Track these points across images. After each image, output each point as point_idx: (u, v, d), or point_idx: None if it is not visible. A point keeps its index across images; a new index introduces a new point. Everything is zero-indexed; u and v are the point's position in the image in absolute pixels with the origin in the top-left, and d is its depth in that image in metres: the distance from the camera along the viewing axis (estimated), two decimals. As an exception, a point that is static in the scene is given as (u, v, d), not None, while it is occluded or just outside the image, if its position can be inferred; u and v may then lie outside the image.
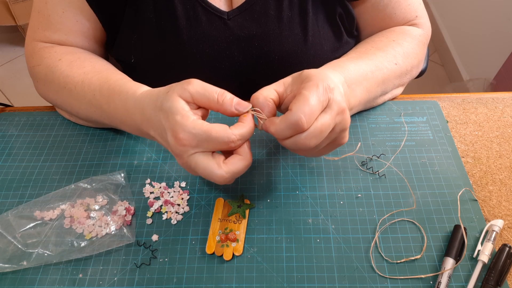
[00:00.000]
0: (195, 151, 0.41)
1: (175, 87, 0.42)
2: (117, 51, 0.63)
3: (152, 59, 0.61)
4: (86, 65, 0.56)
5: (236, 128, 0.42)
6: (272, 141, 0.59)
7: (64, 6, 0.57)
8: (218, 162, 0.42)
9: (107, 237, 0.50)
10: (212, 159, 0.42)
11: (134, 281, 0.47)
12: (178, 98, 0.41)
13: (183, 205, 0.53)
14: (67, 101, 0.57)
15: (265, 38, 0.59)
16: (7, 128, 0.63)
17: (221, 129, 0.41)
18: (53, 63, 0.57)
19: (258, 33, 0.59)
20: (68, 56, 0.57)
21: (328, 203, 0.52)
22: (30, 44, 0.60)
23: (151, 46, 0.60)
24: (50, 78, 0.57)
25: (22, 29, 1.92)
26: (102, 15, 0.59)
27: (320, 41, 0.61)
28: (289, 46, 0.60)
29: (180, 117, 0.41)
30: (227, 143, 0.41)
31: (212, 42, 0.59)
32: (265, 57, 0.60)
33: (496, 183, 0.54)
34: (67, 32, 0.59)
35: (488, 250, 0.46)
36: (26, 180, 0.56)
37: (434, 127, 0.60)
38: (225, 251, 0.48)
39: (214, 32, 0.58)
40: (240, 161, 0.43)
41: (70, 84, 0.55)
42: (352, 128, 0.60)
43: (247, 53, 0.60)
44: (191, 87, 0.41)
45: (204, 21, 0.57)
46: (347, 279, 0.46)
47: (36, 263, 0.48)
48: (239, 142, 0.42)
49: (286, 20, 0.58)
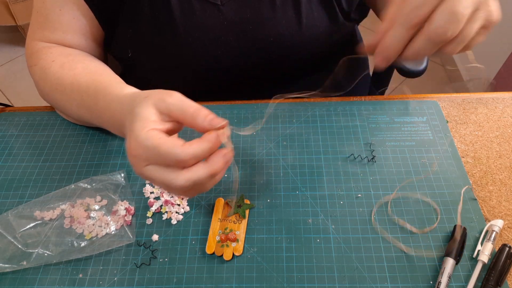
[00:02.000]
0: (146, 164, 0.37)
1: (154, 95, 0.40)
2: (115, 47, 0.64)
3: (149, 52, 0.62)
4: (78, 66, 0.56)
5: (191, 145, 0.36)
6: (272, 141, 0.59)
7: (61, 3, 0.58)
8: (176, 171, 0.37)
9: (107, 237, 0.50)
10: (167, 169, 0.37)
11: (134, 281, 0.47)
12: (151, 106, 0.39)
13: (183, 205, 0.53)
14: (60, 102, 0.57)
15: (259, 22, 0.59)
16: (7, 128, 0.63)
17: (172, 145, 0.36)
18: (47, 64, 0.57)
19: (252, 18, 0.59)
20: (62, 57, 0.57)
21: (328, 203, 0.52)
22: (30, 44, 0.61)
23: (147, 39, 0.60)
24: (43, 79, 0.58)
25: (22, 29, 1.92)
26: (98, 11, 0.59)
27: (315, 23, 0.61)
28: (284, 30, 0.60)
29: (140, 125, 0.37)
30: (176, 162, 0.36)
31: (207, 30, 0.59)
32: (260, 41, 0.61)
33: (496, 183, 0.54)
34: (64, 30, 0.59)
35: (488, 250, 0.46)
36: (26, 180, 0.56)
37: (434, 127, 0.60)
38: (225, 251, 0.48)
39: (209, 19, 0.58)
40: (203, 168, 0.37)
41: (61, 85, 0.55)
42: (352, 128, 0.60)
43: (242, 39, 0.60)
44: (170, 98, 0.39)
45: (198, 10, 0.58)
46: (347, 279, 0.46)
47: (36, 263, 0.48)
48: (192, 161, 0.36)
49: (279, 3, 0.58)
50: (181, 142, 0.37)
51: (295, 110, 0.63)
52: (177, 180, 0.37)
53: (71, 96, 0.54)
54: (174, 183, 0.37)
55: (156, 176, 0.37)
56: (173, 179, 0.37)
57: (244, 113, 0.63)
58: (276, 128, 0.61)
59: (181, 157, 0.36)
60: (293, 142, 0.59)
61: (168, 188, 0.38)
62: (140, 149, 0.37)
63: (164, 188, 0.39)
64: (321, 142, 0.58)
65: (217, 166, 0.38)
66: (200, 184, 0.38)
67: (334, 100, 0.64)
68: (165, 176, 0.37)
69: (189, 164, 0.37)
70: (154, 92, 0.40)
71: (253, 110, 0.63)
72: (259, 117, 0.62)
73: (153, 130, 0.37)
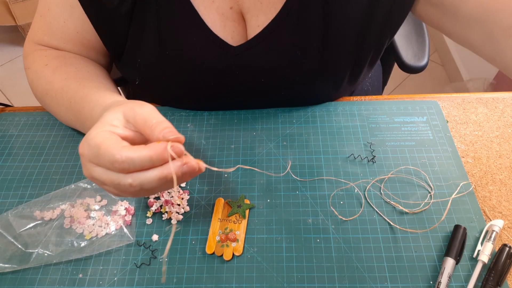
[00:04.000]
0: (91, 164, 0.36)
1: (128, 103, 0.39)
2: (121, 69, 0.62)
3: (155, 81, 0.60)
4: (70, 70, 0.55)
5: (130, 148, 0.35)
6: (272, 141, 0.59)
7: (66, 16, 0.56)
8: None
9: (107, 237, 0.50)
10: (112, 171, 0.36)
11: (134, 281, 0.47)
12: (119, 112, 0.38)
13: (183, 205, 0.53)
14: (50, 106, 0.57)
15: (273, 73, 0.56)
16: (7, 128, 0.63)
17: (112, 145, 0.35)
18: (40, 68, 0.56)
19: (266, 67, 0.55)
20: (55, 61, 0.56)
21: (328, 203, 0.52)
22: (27, 45, 0.60)
23: (153, 69, 0.58)
24: (35, 83, 0.57)
25: (22, 29, 1.92)
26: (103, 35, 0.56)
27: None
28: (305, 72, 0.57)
29: (97, 126, 0.37)
30: (112, 163, 0.34)
31: (216, 74, 0.56)
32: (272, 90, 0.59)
33: (496, 183, 0.54)
34: (66, 40, 0.58)
35: (488, 250, 0.46)
36: (26, 180, 0.56)
37: (434, 127, 0.60)
38: (225, 251, 0.48)
39: (219, 65, 0.55)
40: (153, 170, 0.35)
41: (51, 90, 0.54)
42: (352, 128, 0.60)
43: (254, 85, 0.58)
44: (140, 108, 0.37)
45: (209, 54, 0.54)
46: (347, 279, 0.46)
47: (36, 263, 0.48)
48: (125, 165, 0.34)
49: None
50: (124, 144, 0.35)
51: (295, 110, 0.63)
52: (125, 179, 0.35)
53: (60, 101, 0.54)
54: (123, 182, 0.35)
55: (102, 176, 0.36)
56: (121, 179, 0.35)
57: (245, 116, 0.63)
58: (276, 128, 0.61)
59: (115, 157, 0.34)
60: (293, 142, 0.59)
61: (116, 189, 0.37)
62: (85, 147, 0.36)
63: (114, 190, 0.37)
64: (321, 142, 0.58)
65: (168, 171, 0.35)
66: (150, 189, 0.36)
67: (334, 100, 0.64)
68: (112, 176, 0.35)
69: (123, 168, 0.35)
70: (130, 101, 0.40)
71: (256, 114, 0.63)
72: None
73: (106, 131, 0.36)
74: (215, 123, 0.62)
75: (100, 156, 0.35)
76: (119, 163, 0.34)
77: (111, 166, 0.35)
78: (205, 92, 0.60)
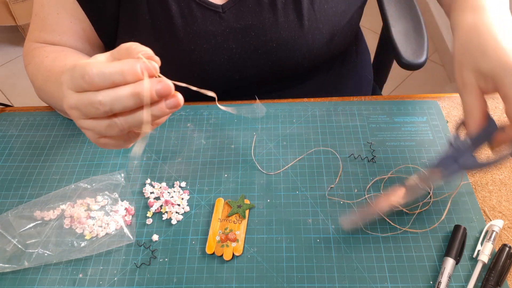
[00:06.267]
0: (68, 90, 0.35)
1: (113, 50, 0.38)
2: None
3: None
4: (69, 59, 0.56)
5: (101, 63, 0.34)
6: (272, 141, 0.59)
7: (58, 8, 0.58)
8: None
9: (107, 237, 0.50)
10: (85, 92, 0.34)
11: (134, 281, 0.47)
12: (107, 53, 0.37)
13: (183, 205, 0.53)
14: (49, 92, 0.56)
15: (261, 28, 0.59)
16: (7, 128, 0.63)
17: (87, 61, 0.33)
18: (40, 60, 0.57)
19: (253, 23, 0.59)
20: (55, 53, 0.58)
21: (328, 203, 0.52)
22: (26, 44, 0.62)
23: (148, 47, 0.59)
24: (36, 75, 0.58)
25: (22, 29, 1.92)
26: (96, 23, 0.59)
27: (318, 25, 0.61)
28: (286, 33, 0.60)
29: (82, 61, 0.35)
30: (82, 77, 0.33)
31: (209, 37, 0.59)
32: (262, 46, 0.61)
33: (496, 183, 0.54)
34: (61, 32, 0.59)
35: (488, 250, 0.46)
36: (26, 180, 0.56)
37: (434, 127, 0.60)
38: (225, 251, 0.48)
39: (210, 26, 0.58)
40: (125, 87, 0.33)
41: (51, 76, 0.55)
42: (352, 128, 0.60)
43: (245, 45, 0.60)
44: (124, 44, 0.36)
45: (199, 17, 0.58)
46: (347, 279, 0.46)
47: (36, 263, 0.48)
48: (95, 78, 0.33)
49: (280, 7, 0.58)
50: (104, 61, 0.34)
51: (295, 110, 0.63)
52: (95, 96, 0.33)
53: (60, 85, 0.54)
54: (93, 99, 0.33)
55: (77, 102, 0.34)
56: (91, 96, 0.33)
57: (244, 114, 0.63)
58: (276, 128, 0.61)
59: (85, 69, 0.33)
60: (293, 142, 0.59)
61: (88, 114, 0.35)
62: (66, 74, 0.35)
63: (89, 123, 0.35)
64: (321, 142, 0.58)
65: (141, 88, 0.33)
66: (122, 112, 0.34)
67: (334, 100, 0.64)
68: (84, 97, 0.34)
69: (95, 82, 0.33)
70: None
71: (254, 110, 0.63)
72: (259, 117, 0.62)
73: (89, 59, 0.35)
74: (215, 123, 0.62)
75: (74, 75, 0.34)
76: (89, 76, 0.33)
77: (82, 81, 0.33)
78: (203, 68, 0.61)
